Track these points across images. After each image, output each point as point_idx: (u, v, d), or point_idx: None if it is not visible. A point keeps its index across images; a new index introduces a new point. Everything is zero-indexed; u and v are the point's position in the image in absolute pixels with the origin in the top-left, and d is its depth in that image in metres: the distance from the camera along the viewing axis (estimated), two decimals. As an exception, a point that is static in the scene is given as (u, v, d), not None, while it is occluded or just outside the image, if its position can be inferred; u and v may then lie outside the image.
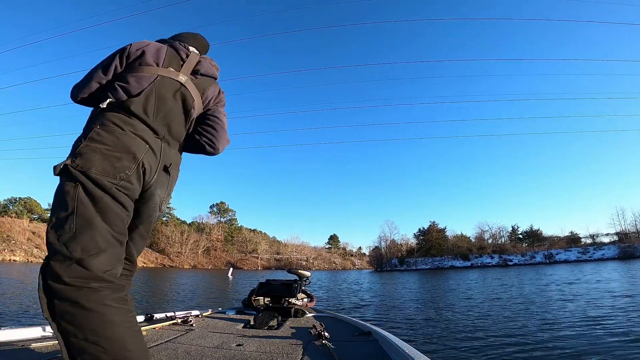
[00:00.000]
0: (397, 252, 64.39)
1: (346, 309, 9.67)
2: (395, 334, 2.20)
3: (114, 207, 1.13)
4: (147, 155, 1.22)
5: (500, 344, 4.92)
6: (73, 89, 1.37)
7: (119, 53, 1.34)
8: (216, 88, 1.57)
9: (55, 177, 1.13)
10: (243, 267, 67.85)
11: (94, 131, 1.16)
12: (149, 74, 1.32)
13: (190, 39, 1.61)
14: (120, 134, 1.18)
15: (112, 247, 1.11)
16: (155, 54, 1.36)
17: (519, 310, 8.08)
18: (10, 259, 36.20)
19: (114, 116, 1.22)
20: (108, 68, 1.32)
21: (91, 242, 1.06)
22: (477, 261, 56.09)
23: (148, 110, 1.28)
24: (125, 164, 1.15)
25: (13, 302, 8.35)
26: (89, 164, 1.09)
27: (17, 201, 58.61)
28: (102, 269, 1.06)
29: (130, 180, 1.16)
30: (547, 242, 59.48)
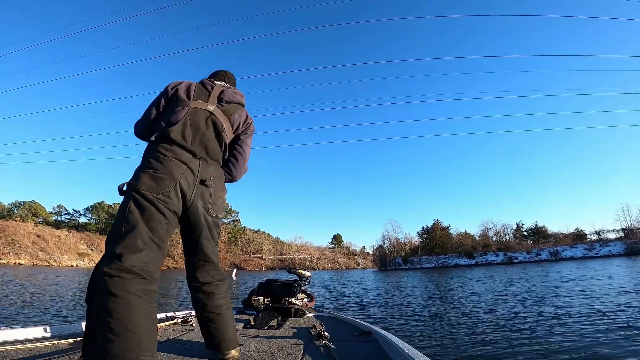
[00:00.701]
0: (401, 251, 64.19)
1: (350, 308, 9.56)
2: (398, 333, 2.10)
3: (156, 216, 1.45)
4: (185, 174, 1.56)
5: (506, 343, 4.83)
6: (135, 128, 1.79)
7: (161, 94, 1.74)
8: (242, 113, 1.86)
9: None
10: (247, 268, 67.92)
11: (147, 160, 1.55)
12: (183, 107, 1.67)
13: (220, 75, 2.00)
14: (163, 159, 1.54)
15: (149, 248, 1.39)
16: (186, 90, 1.73)
17: (525, 308, 7.95)
18: (15, 262, 36.37)
19: (159, 146, 1.58)
20: (157, 107, 1.73)
21: (132, 241, 1.35)
22: (482, 259, 55.75)
23: (185, 136, 1.62)
24: (166, 183, 1.50)
25: (24, 303, 8.31)
26: (140, 183, 1.46)
27: (21, 205, 59.05)
28: (136, 263, 1.32)
29: (169, 195, 1.49)
30: (553, 239, 59.03)
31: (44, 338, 1.93)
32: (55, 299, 10.28)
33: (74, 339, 1.90)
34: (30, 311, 7.57)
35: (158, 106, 1.73)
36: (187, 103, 1.68)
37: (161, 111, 1.72)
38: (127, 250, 1.32)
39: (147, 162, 1.54)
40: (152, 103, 1.74)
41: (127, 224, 1.38)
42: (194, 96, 1.72)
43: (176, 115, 1.63)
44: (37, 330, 2.02)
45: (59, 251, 44.48)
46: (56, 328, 2.10)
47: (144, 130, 1.75)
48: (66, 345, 1.81)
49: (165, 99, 1.73)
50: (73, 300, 10.04)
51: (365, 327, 2.54)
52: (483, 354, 4.38)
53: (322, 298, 12.65)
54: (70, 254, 45.71)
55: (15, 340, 1.81)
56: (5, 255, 36.75)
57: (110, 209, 67.21)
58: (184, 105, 1.67)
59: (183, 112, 1.65)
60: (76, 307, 8.71)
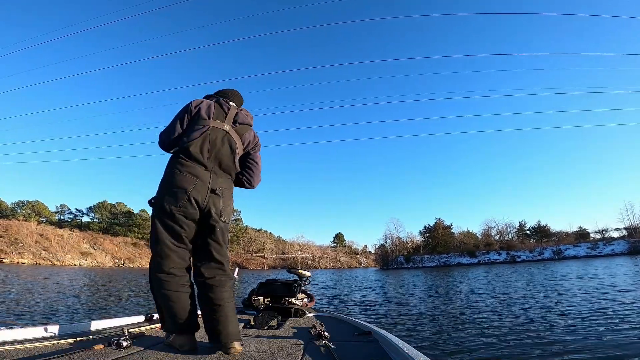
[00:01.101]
0: (403, 250, 64.12)
1: (354, 306, 9.51)
2: (399, 332, 2.07)
3: (175, 227, 1.81)
4: (196, 186, 1.83)
5: (506, 342, 4.81)
6: (161, 140, 2.02)
7: (185, 110, 1.98)
8: (251, 133, 2.14)
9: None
10: (249, 267, 68.03)
11: (167, 174, 1.87)
12: (204, 125, 1.92)
13: (229, 95, 2.19)
14: (178, 174, 1.83)
15: (174, 253, 1.82)
16: (207, 110, 1.97)
17: (527, 307, 7.91)
18: (18, 261, 36.46)
19: (177, 161, 1.87)
20: (180, 123, 1.95)
21: (162, 250, 1.79)
22: (484, 258, 55.62)
23: (203, 151, 1.88)
24: (181, 196, 1.79)
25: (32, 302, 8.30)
26: (161, 199, 1.82)
27: (24, 204, 59.23)
28: (170, 266, 1.80)
29: (185, 207, 1.80)
30: (555, 238, 58.83)
31: (44, 338, 1.91)
32: (75, 297, 10.26)
33: (74, 339, 1.89)
34: (47, 309, 7.56)
35: (182, 122, 1.96)
36: (207, 122, 1.93)
37: (184, 127, 1.96)
38: (162, 257, 1.80)
39: (167, 176, 1.86)
40: (176, 119, 1.97)
41: (156, 235, 1.81)
42: (213, 116, 1.97)
43: (197, 132, 1.90)
44: (37, 330, 2.00)
45: (62, 250, 44.59)
46: (56, 328, 2.09)
47: (168, 144, 1.99)
48: (66, 345, 1.80)
49: (188, 116, 1.96)
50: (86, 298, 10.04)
51: (365, 327, 2.53)
52: (483, 354, 4.35)
53: (325, 297, 12.61)
54: (73, 253, 45.82)
55: (15, 340, 1.79)
56: (8, 254, 36.81)
57: (112, 208, 67.41)
58: (204, 124, 1.93)
59: (203, 129, 1.91)
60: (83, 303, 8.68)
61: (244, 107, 2.25)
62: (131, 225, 65.45)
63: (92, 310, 7.57)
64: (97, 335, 2.03)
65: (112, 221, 65.91)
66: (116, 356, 1.60)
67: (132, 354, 1.66)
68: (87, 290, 13.69)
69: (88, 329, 2.25)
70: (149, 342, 1.94)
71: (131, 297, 10.32)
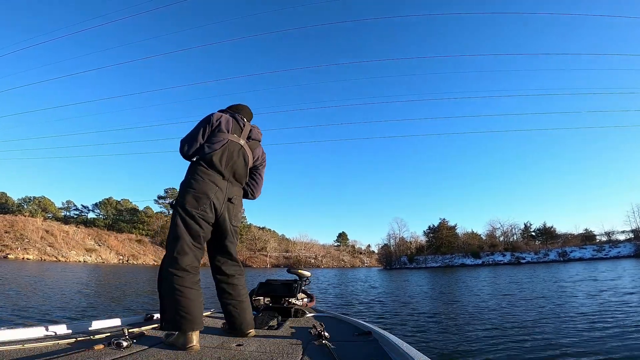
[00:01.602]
0: (407, 250, 63.91)
1: (357, 306, 9.44)
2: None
3: (195, 227, 1.99)
4: (216, 194, 2.06)
5: (508, 343, 4.75)
6: (182, 148, 2.16)
7: (206, 121, 2.16)
8: (260, 149, 2.41)
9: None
10: (252, 265, 68.23)
11: (189, 180, 2.04)
12: (223, 138, 2.14)
13: (242, 111, 2.39)
14: (201, 182, 2.03)
15: (192, 251, 1.98)
16: (227, 124, 2.19)
17: (529, 309, 7.82)
18: (23, 257, 36.76)
19: (200, 169, 2.06)
20: (202, 134, 2.14)
21: (181, 247, 1.94)
22: (489, 259, 55.27)
23: (222, 162, 2.11)
24: (203, 201, 2.01)
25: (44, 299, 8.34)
26: (184, 201, 1.98)
27: (31, 200, 59.80)
28: (186, 263, 1.93)
29: (205, 210, 2.01)
30: (561, 240, 58.27)
31: (43, 338, 1.91)
32: (78, 295, 10.30)
33: (74, 339, 1.87)
34: (50, 308, 7.58)
35: (203, 133, 2.14)
36: (226, 136, 2.16)
37: (205, 138, 2.15)
38: (181, 254, 1.92)
39: (190, 181, 2.04)
40: (198, 129, 2.15)
41: (177, 233, 1.95)
42: (231, 130, 2.20)
43: (218, 144, 2.12)
44: (37, 330, 2.01)
45: (67, 246, 44.92)
46: (56, 328, 2.09)
47: (188, 152, 2.15)
48: (66, 345, 1.78)
49: (209, 128, 2.15)
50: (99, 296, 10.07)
51: (365, 327, 2.53)
52: (485, 356, 4.30)
53: (329, 295, 12.55)
54: (78, 250, 46.15)
55: (15, 340, 1.79)
56: (14, 250, 37.15)
57: (118, 204, 67.87)
58: (224, 137, 2.15)
59: (223, 142, 2.14)
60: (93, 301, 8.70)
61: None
62: (136, 222, 65.90)
63: (93, 310, 7.56)
64: (97, 335, 2.01)
65: (117, 218, 66.39)
66: (116, 356, 1.59)
67: (132, 354, 1.65)
68: (91, 288, 13.72)
69: (88, 328, 2.25)
70: (149, 342, 1.92)
71: (132, 297, 10.32)
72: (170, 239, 1.97)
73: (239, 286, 2.23)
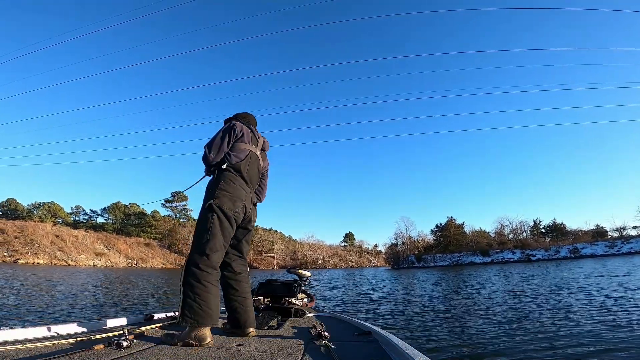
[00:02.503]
0: (414, 249, 63.45)
1: (363, 304, 9.31)
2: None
3: (229, 228, 2.16)
4: (245, 198, 2.29)
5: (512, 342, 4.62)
6: (208, 155, 2.27)
7: (230, 131, 2.32)
8: (266, 158, 2.65)
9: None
10: (259, 267, 68.34)
11: (223, 184, 2.20)
12: (247, 149, 2.36)
13: (250, 121, 2.61)
14: (234, 187, 2.23)
15: (222, 250, 2.13)
16: (249, 136, 2.39)
17: (538, 306, 7.62)
18: (33, 261, 37.22)
19: (230, 176, 2.25)
20: (228, 141, 2.30)
21: (214, 245, 2.07)
22: (498, 257, 54.60)
23: (248, 170, 2.34)
24: (238, 204, 2.21)
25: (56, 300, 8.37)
26: (222, 203, 2.14)
27: (41, 206, 60.65)
28: (216, 261, 2.08)
29: (239, 213, 2.23)
30: (572, 236, 57.37)
31: (44, 338, 1.91)
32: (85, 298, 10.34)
33: (74, 339, 1.86)
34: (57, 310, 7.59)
35: (228, 142, 2.30)
36: (248, 147, 2.37)
37: (228, 147, 2.30)
38: (212, 252, 2.05)
39: (224, 185, 2.20)
40: (224, 138, 2.30)
41: (212, 232, 2.07)
42: (251, 141, 2.41)
43: (243, 154, 2.33)
44: (37, 330, 2.01)
45: (77, 251, 45.38)
46: (56, 328, 2.09)
47: (213, 159, 2.27)
48: (66, 345, 1.78)
49: (233, 137, 2.32)
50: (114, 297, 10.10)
51: (365, 327, 2.55)
52: (487, 354, 4.24)
53: (336, 294, 12.44)
54: (88, 254, 46.61)
55: (14, 340, 1.79)
56: (24, 255, 37.65)
57: (126, 209, 68.48)
58: (247, 148, 2.36)
59: (247, 152, 2.35)
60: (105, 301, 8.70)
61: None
62: (144, 225, 66.42)
63: (94, 310, 7.55)
64: (97, 335, 2.00)
65: (126, 222, 66.98)
66: (116, 356, 1.59)
67: (132, 354, 1.64)
68: (100, 292, 13.77)
69: (88, 329, 2.26)
70: (149, 342, 1.93)
71: (132, 297, 10.31)
72: (204, 237, 2.07)
73: (245, 283, 2.36)
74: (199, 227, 2.12)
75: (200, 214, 2.18)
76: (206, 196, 2.22)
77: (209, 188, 2.24)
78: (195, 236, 2.11)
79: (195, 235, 2.11)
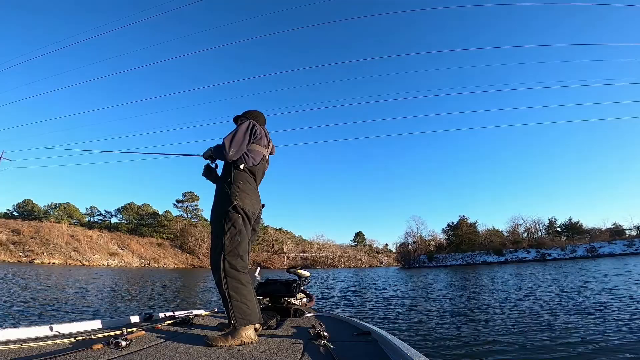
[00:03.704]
0: (426, 249, 62.81)
1: (375, 301, 9.12)
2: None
3: (249, 229, 2.25)
4: (258, 201, 2.37)
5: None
6: (227, 152, 2.22)
7: (251, 131, 2.32)
8: (269, 162, 2.71)
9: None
10: (269, 267, 68.48)
11: (242, 186, 2.23)
12: (262, 152, 2.42)
13: (261, 119, 2.61)
14: (251, 188, 2.29)
15: (248, 251, 2.24)
16: (264, 139, 2.45)
17: (550, 307, 7.32)
18: (49, 261, 38.05)
19: (247, 177, 2.29)
20: (247, 140, 2.31)
21: (245, 246, 2.16)
22: (512, 256, 53.58)
23: (259, 173, 2.41)
24: (256, 206, 2.30)
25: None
26: (245, 204, 2.19)
27: (57, 207, 61.97)
28: (247, 263, 2.15)
29: (255, 214, 2.29)
30: (588, 235, 55.94)
31: (42, 338, 1.90)
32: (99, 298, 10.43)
33: (73, 339, 1.86)
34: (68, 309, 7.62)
35: (248, 143, 2.32)
36: (263, 151, 2.44)
37: (247, 147, 2.32)
38: (244, 253, 2.14)
39: (244, 187, 2.24)
40: (244, 138, 2.30)
41: (241, 233, 2.14)
42: (265, 145, 2.46)
43: (259, 157, 2.38)
44: (36, 329, 2.00)
45: (91, 251, 46.20)
46: (55, 328, 2.08)
47: (231, 157, 2.25)
48: (65, 345, 1.76)
49: (252, 138, 2.33)
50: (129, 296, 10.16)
51: (364, 327, 2.55)
52: (490, 355, 4.17)
53: (346, 292, 12.26)
54: (102, 254, 47.38)
55: (13, 340, 1.79)
56: (40, 255, 38.52)
57: (139, 209, 69.45)
58: (262, 151, 2.42)
59: (262, 156, 2.41)
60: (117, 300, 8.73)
61: None
62: (156, 225, 67.23)
63: (94, 311, 7.56)
64: (96, 334, 1.99)
65: (139, 222, 67.90)
66: (115, 356, 1.58)
67: (131, 354, 1.63)
68: (118, 292, 13.89)
69: (87, 328, 2.25)
70: (148, 342, 1.92)
71: (134, 297, 10.33)
72: (236, 239, 2.11)
73: (253, 279, 2.59)
74: (228, 228, 2.11)
75: (223, 214, 2.14)
76: (223, 195, 2.20)
77: (224, 186, 2.21)
78: (225, 238, 2.09)
79: (224, 237, 2.09)
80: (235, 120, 2.57)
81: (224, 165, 2.39)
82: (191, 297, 11.55)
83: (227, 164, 2.34)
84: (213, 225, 2.21)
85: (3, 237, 38.59)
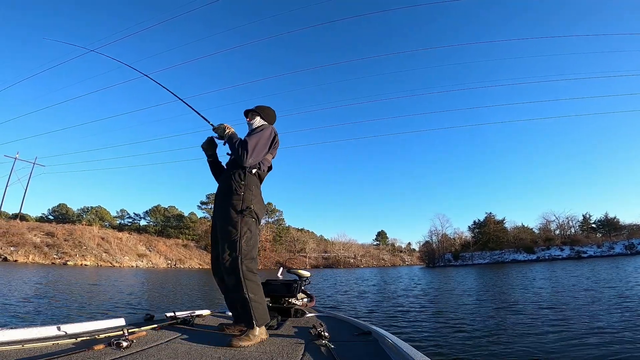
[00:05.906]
0: (451, 247, 61.25)
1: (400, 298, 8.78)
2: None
3: (259, 232, 2.34)
4: (265, 205, 2.43)
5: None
6: (249, 157, 2.23)
7: (273, 138, 2.40)
8: None
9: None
10: (292, 267, 68.61)
11: (254, 191, 2.28)
12: (269, 161, 2.45)
13: (272, 119, 2.60)
14: (260, 192, 2.36)
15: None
16: (276, 148, 2.49)
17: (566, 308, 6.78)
18: (81, 263, 39.73)
19: (257, 182, 2.34)
20: (267, 150, 2.37)
21: (257, 249, 2.22)
22: (544, 254, 51.31)
23: (263, 180, 2.45)
24: (263, 210, 2.35)
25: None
26: (257, 209, 2.25)
27: (89, 210, 64.90)
28: (258, 264, 2.22)
29: (262, 217, 2.33)
30: (626, 231, 52.81)
31: (43, 338, 1.92)
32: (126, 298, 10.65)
33: (74, 339, 1.85)
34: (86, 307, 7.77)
35: (267, 152, 2.38)
36: (271, 158, 2.47)
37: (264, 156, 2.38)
38: (257, 255, 2.23)
39: (255, 191, 2.30)
40: (266, 146, 2.34)
41: (255, 237, 2.22)
42: (274, 154, 2.51)
43: (266, 166, 2.40)
44: (37, 330, 2.01)
45: (121, 252, 47.99)
46: (56, 328, 2.08)
47: (250, 165, 2.28)
48: (66, 346, 1.76)
49: (272, 144, 2.40)
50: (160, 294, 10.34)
51: (365, 327, 2.56)
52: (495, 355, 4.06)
53: (369, 292, 11.94)
54: (131, 255, 49.09)
55: (15, 341, 1.79)
56: (72, 256, 40.29)
57: (165, 211, 71.62)
58: (269, 159, 2.45)
59: (269, 164, 2.45)
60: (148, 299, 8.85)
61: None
62: (182, 227, 69.11)
63: (95, 311, 7.63)
64: (97, 335, 1.99)
65: (166, 224, 70.03)
66: (116, 356, 1.58)
67: (132, 354, 1.64)
68: (143, 290, 14.18)
69: (88, 329, 2.26)
70: (149, 342, 1.92)
71: (135, 298, 10.41)
72: (250, 243, 2.16)
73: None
74: (245, 232, 2.14)
75: (239, 217, 2.16)
76: (235, 196, 2.20)
77: (237, 188, 2.22)
78: (242, 241, 2.13)
79: (241, 240, 2.13)
80: (246, 114, 2.54)
81: (234, 163, 2.35)
82: (213, 297, 11.58)
83: (239, 164, 2.32)
84: (225, 227, 2.17)
85: (38, 240, 40.56)
